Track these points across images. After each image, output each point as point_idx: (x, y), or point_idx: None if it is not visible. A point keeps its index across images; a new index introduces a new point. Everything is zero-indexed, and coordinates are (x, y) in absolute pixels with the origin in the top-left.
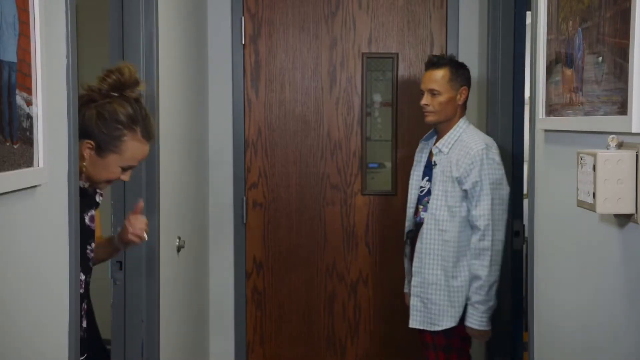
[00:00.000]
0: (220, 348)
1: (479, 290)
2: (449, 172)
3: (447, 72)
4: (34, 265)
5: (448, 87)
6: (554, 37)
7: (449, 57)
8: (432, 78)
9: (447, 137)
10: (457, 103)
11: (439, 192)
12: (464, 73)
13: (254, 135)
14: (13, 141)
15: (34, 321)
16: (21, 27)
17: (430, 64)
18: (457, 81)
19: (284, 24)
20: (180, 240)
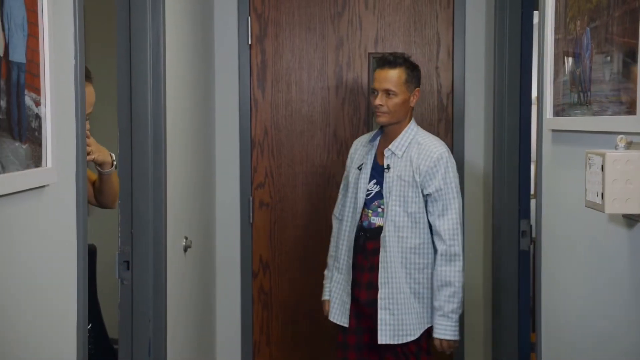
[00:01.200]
0: (227, 348)
1: (451, 298)
2: (407, 176)
3: (403, 72)
4: (42, 264)
5: (404, 88)
6: (562, 36)
7: (403, 56)
8: (387, 78)
9: (400, 140)
10: (410, 105)
11: (397, 198)
12: (418, 74)
13: (261, 135)
14: (22, 141)
15: (41, 319)
16: (30, 28)
17: (386, 63)
18: (412, 82)
19: (290, 24)
20: (187, 240)
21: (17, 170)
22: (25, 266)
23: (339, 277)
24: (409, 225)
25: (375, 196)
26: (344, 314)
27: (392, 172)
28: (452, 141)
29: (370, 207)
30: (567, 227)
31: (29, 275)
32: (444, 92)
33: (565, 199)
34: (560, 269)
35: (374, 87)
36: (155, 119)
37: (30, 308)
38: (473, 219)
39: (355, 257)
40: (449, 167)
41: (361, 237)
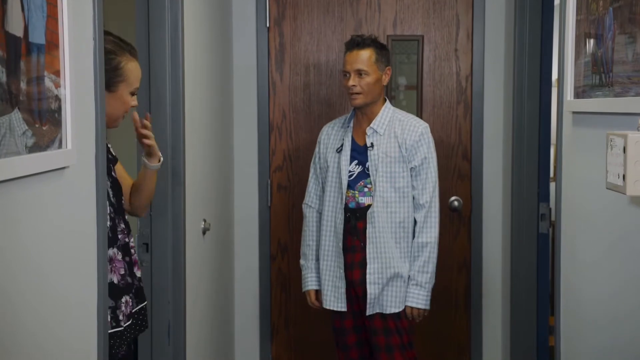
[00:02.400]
0: (245, 330)
1: (424, 268)
2: (393, 152)
3: (372, 52)
4: (63, 245)
5: (375, 68)
6: (584, 17)
7: (371, 37)
8: (358, 59)
9: (380, 118)
10: (382, 84)
11: (384, 175)
12: (386, 54)
13: (279, 118)
14: (42, 123)
15: (63, 300)
16: (49, 9)
17: (354, 44)
18: (382, 61)
19: (309, 7)
20: (205, 223)
21: (38, 151)
22: (45, 247)
23: (326, 264)
24: (397, 200)
25: (358, 176)
26: (339, 299)
27: (376, 150)
28: (470, 124)
29: (355, 188)
30: (587, 209)
31: (49, 256)
32: (463, 74)
33: (585, 181)
34: (580, 251)
35: (345, 69)
36: (174, 103)
37: (51, 289)
38: (492, 202)
39: (345, 240)
40: (430, 142)
41: (350, 218)
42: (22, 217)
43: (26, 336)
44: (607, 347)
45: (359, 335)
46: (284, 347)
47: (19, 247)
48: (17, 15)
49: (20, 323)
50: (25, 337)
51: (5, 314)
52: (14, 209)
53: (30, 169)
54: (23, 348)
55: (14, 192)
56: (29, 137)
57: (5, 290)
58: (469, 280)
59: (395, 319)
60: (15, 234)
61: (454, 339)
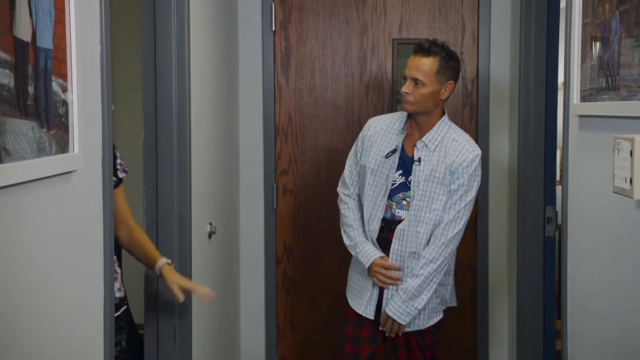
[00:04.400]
0: (251, 333)
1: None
2: (440, 171)
3: (436, 62)
4: (69, 249)
5: (434, 80)
6: (590, 20)
7: (441, 44)
8: (418, 66)
9: (434, 134)
10: (440, 98)
11: (424, 193)
12: (454, 65)
13: (284, 121)
14: (49, 127)
15: (69, 304)
16: (57, 14)
17: (420, 50)
18: (445, 74)
19: (314, 10)
20: (211, 226)
21: (45, 156)
22: (51, 251)
23: (362, 267)
24: (429, 221)
25: (399, 187)
26: (369, 306)
27: (422, 166)
28: (476, 127)
29: (394, 199)
30: (594, 213)
31: (56, 259)
32: (469, 77)
33: (592, 185)
34: (587, 255)
35: (404, 73)
36: (180, 106)
37: (57, 292)
38: (498, 205)
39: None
40: (478, 169)
41: (384, 228)
42: (29, 221)
43: (29, 340)
44: (614, 350)
45: (373, 346)
46: (289, 350)
47: (26, 251)
48: (25, 20)
49: (24, 327)
50: (28, 341)
51: (8, 318)
52: (21, 212)
53: (38, 173)
54: (26, 351)
55: (22, 196)
56: (36, 141)
57: (10, 294)
58: (475, 283)
59: (417, 336)
60: (22, 238)
61: (460, 342)
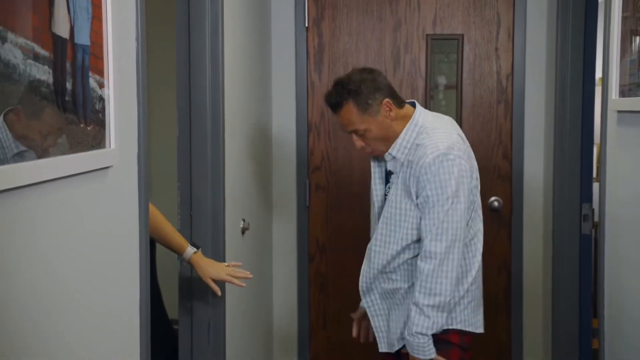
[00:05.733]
0: (283, 330)
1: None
2: (407, 186)
3: (351, 105)
4: (105, 244)
5: (366, 118)
6: (630, 14)
7: (338, 87)
8: (342, 122)
9: (400, 142)
10: (389, 120)
11: (391, 208)
12: (367, 88)
13: (317, 118)
14: (87, 123)
15: (104, 301)
16: (94, 11)
17: (331, 107)
18: (369, 104)
19: (348, 6)
20: (244, 222)
21: (82, 151)
22: (89, 246)
23: None
24: (398, 241)
25: None
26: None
27: (395, 179)
28: (511, 124)
29: None
30: (631, 210)
31: (93, 255)
32: (504, 73)
33: (630, 181)
34: (624, 253)
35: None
36: (214, 103)
37: (94, 290)
38: (532, 202)
39: None
40: (441, 171)
41: None
42: (66, 216)
43: (62, 345)
44: None
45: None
46: (322, 347)
47: (62, 248)
48: (64, 17)
49: (56, 328)
50: (61, 346)
51: (41, 319)
52: (59, 208)
53: (75, 168)
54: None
55: (59, 192)
56: (74, 137)
57: (42, 293)
58: (509, 282)
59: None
60: (60, 234)
61: (494, 341)
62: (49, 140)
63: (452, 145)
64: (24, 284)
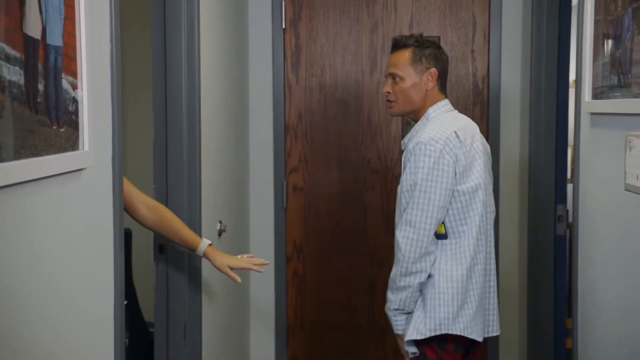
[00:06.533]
0: (260, 332)
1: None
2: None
3: (409, 52)
4: (78, 247)
5: (411, 71)
6: (602, 17)
7: (415, 35)
8: (393, 61)
9: (413, 130)
10: (425, 89)
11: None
12: (431, 52)
13: (294, 119)
14: (59, 124)
15: (78, 304)
16: (66, 11)
17: (394, 46)
18: (422, 62)
19: (325, 8)
20: (221, 224)
21: (55, 153)
22: (62, 249)
23: None
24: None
25: None
26: None
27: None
28: (487, 125)
29: None
30: (605, 211)
31: (66, 258)
32: (480, 75)
33: (603, 182)
34: (598, 253)
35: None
36: (190, 105)
37: (67, 292)
38: (509, 204)
39: None
40: (413, 160)
41: None
42: (38, 219)
43: (37, 342)
44: (625, 349)
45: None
46: (299, 349)
47: (34, 249)
48: (35, 18)
49: (30, 327)
50: (36, 343)
51: (15, 318)
52: (32, 210)
53: (48, 170)
54: (33, 353)
55: (31, 194)
56: (46, 138)
57: (17, 293)
58: None
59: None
60: (31, 236)
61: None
62: (20, 142)
63: (437, 138)
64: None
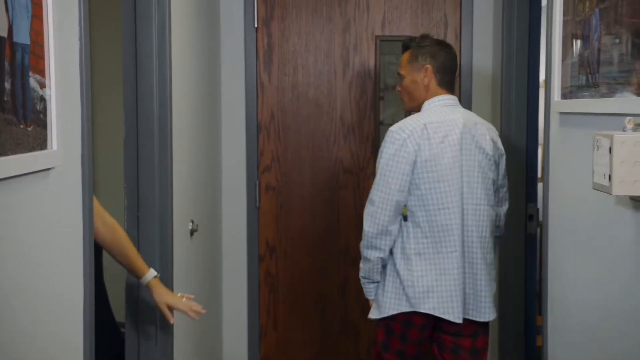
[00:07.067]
0: (233, 332)
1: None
2: None
3: (409, 53)
4: (47, 247)
5: (409, 69)
6: (570, 18)
7: (417, 38)
8: (399, 63)
9: None
10: (423, 85)
11: None
12: (428, 50)
13: (267, 118)
14: (27, 123)
15: (47, 305)
16: (34, 9)
17: (402, 49)
18: (418, 60)
19: (297, 7)
20: (193, 224)
21: (22, 152)
22: (30, 249)
23: None
24: None
25: None
26: None
27: None
28: None
29: None
30: (574, 209)
31: (34, 258)
32: None
33: (572, 181)
34: (567, 251)
35: None
36: (161, 104)
37: (36, 293)
38: None
39: None
40: (383, 147)
41: None
42: (5, 219)
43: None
44: (593, 345)
45: None
46: (272, 348)
47: (3, 249)
48: (1, 15)
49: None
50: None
51: None
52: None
53: (15, 170)
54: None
55: None
56: (13, 138)
57: None
58: None
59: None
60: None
61: None
62: None
63: (405, 128)
64: None
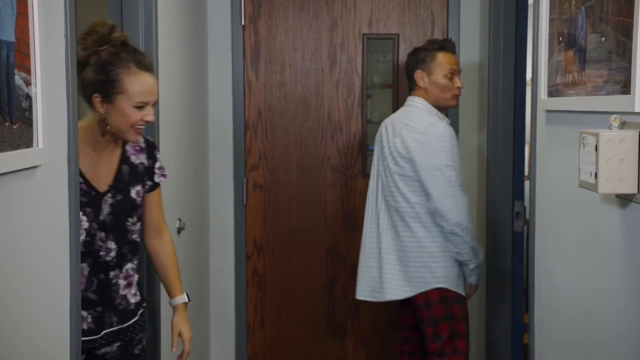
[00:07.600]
0: (220, 330)
1: None
2: None
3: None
4: (34, 246)
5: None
6: (557, 16)
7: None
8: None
9: None
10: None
11: None
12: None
13: (254, 116)
14: (12, 121)
15: (34, 302)
16: (19, 6)
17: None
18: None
19: (284, 4)
20: (180, 222)
21: (8, 150)
22: (16, 248)
23: None
24: None
25: None
26: None
27: None
28: None
29: None
30: (560, 207)
31: (21, 256)
32: None
33: (559, 179)
34: (554, 249)
35: (455, 68)
36: None
37: (22, 291)
38: None
39: None
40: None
41: None
42: None
43: None
44: (580, 343)
45: None
46: (260, 346)
47: None
48: None
49: None
50: None
51: None
52: None
53: (1, 168)
54: None
55: None
56: None
57: None
58: None
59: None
60: None
61: None
62: None
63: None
64: None
